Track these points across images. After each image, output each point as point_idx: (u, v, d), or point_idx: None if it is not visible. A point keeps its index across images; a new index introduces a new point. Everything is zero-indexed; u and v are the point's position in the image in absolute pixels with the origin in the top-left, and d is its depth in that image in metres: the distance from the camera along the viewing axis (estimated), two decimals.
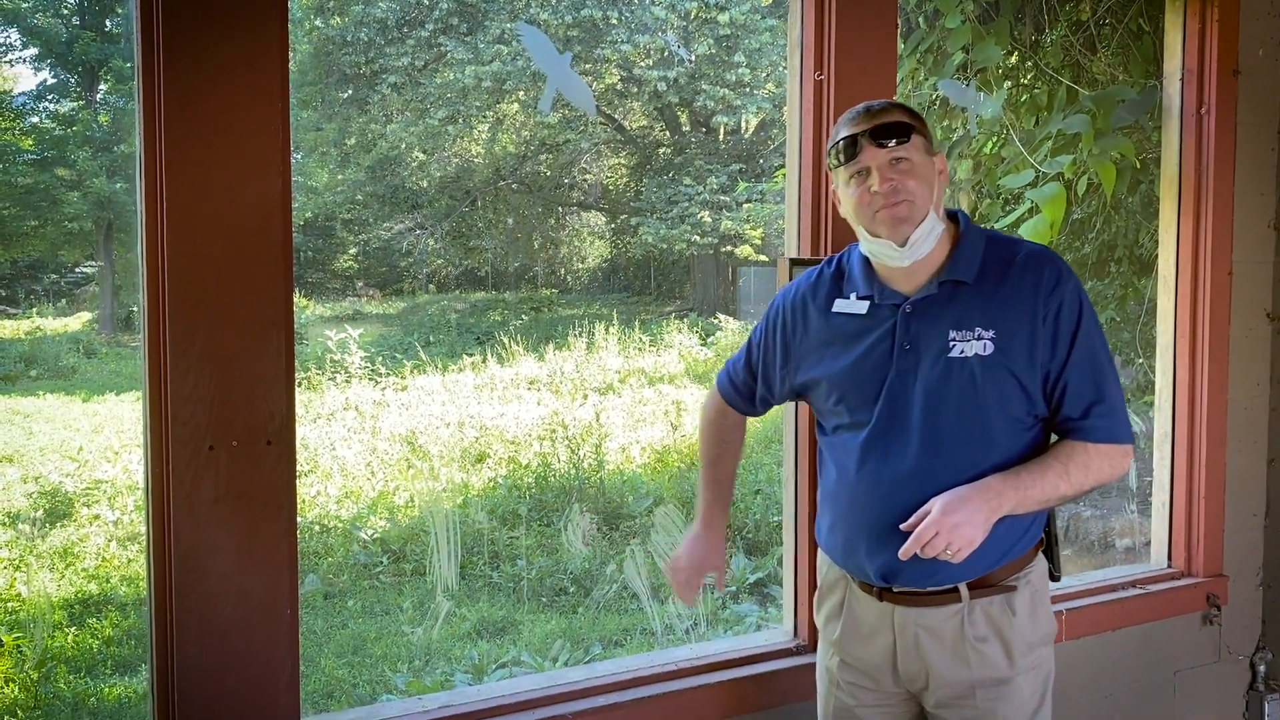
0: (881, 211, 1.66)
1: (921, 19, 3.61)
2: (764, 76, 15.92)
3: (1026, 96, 3.67)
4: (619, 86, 16.89)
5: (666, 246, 16.66)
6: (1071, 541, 4.15)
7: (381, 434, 8.31)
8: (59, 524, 6.27)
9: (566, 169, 19.02)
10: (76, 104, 17.21)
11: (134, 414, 9.55)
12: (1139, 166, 3.65)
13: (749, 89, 15.93)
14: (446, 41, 15.52)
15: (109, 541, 6.02)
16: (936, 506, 1.60)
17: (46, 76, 17.56)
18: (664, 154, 18.15)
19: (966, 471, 1.66)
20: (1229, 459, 2.93)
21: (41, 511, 6.38)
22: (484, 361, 11.96)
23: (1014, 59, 3.71)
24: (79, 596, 5.31)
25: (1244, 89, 2.86)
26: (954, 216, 1.77)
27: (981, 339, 1.66)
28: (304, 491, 6.82)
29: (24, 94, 17.47)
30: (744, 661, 2.26)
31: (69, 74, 17.36)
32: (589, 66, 15.96)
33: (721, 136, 17.50)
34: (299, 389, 10.20)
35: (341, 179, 17.54)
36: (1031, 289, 1.68)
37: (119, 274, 16.58)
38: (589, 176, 19.65)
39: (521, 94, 16.15)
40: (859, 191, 1.68)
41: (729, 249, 16.88)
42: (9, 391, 11.17)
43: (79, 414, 9.75)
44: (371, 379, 10.64)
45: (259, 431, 1.74)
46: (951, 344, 1.67)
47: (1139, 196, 4.12)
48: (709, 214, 16.08)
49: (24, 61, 18.74)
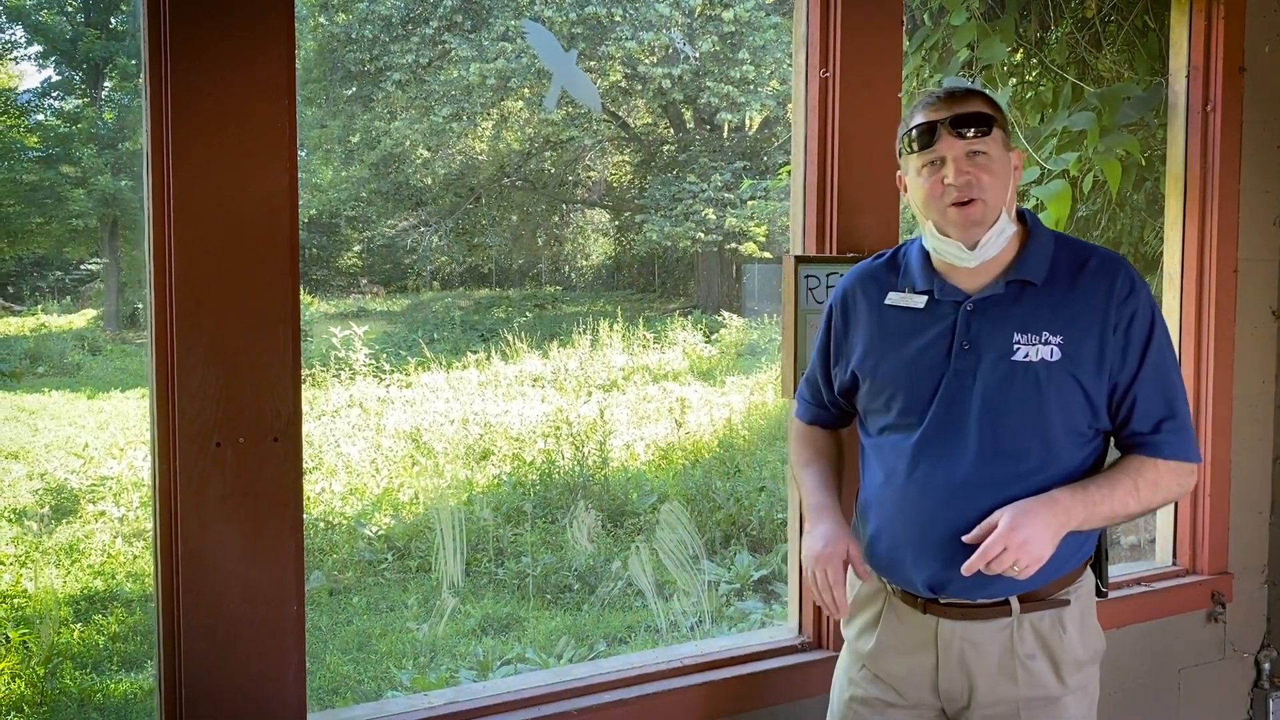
0: (953, 210, 1.58)
1: (926, 16, 3.61)
2: (768, 73, 15.90)
3: (1032, 93, 3.66)
4: (623, 84, 16.87)
5: (671, 244, 16.65)
6: None
7: (386, 431, 8.32)
8: (65, 520, 6.29)
9: (571, 166, 19.01)
10: (81, 101, 17.23)
11: (139, 410, 9.57)
12: (1144, 164, 3.64)
13: (753, 86, 15.91)
14: (451, 39, 15.52)
15: (114, 538, 6.03)
16: (1004, 520, 1.51)
17: (51, 74, 17.59)
18: (668, 151, 18.13)
19: (1026, 481, 1.57)
20: (1234, 456, 2.93)
21: (47, 508, 6.40)
22: (488, 358, 11.96)
23: (1019, 56, 3.71)
24: (85, 593, 5.33)
25: (1249, 86, 2.86)
26: (1022, 216, 1.69)
27: (1049, 344, 1.58)
28: (309, 488, 6.83)
29: (29, 91, 17.50)
30: (748, 658, 2.26)
31: (74, 71, 17.39)
32: (593, 64, 15.95)
33: (726, 133, 17.48)
34: (304, 386, 10.19)
35: (346, 176, 17.55)
36: (1104, 296, 1.60)
37: (124, 271, 16.61)
38: (593, 174, 19.63)
39: (526, 91, 16.14)
40: (931, 182, 1.59)
41: (733, 246, 16.85)
42: (14, 388, 11.19)
43: (84, 411, 9.77)
44: (376, 376, 10.65)
45: (266, 428, 1.75)
46: (1016, 347, 1.58)
47: (1144, 194, 4.12)
48: (713, 211, 16.07)
49: (29, 59, 18.78)
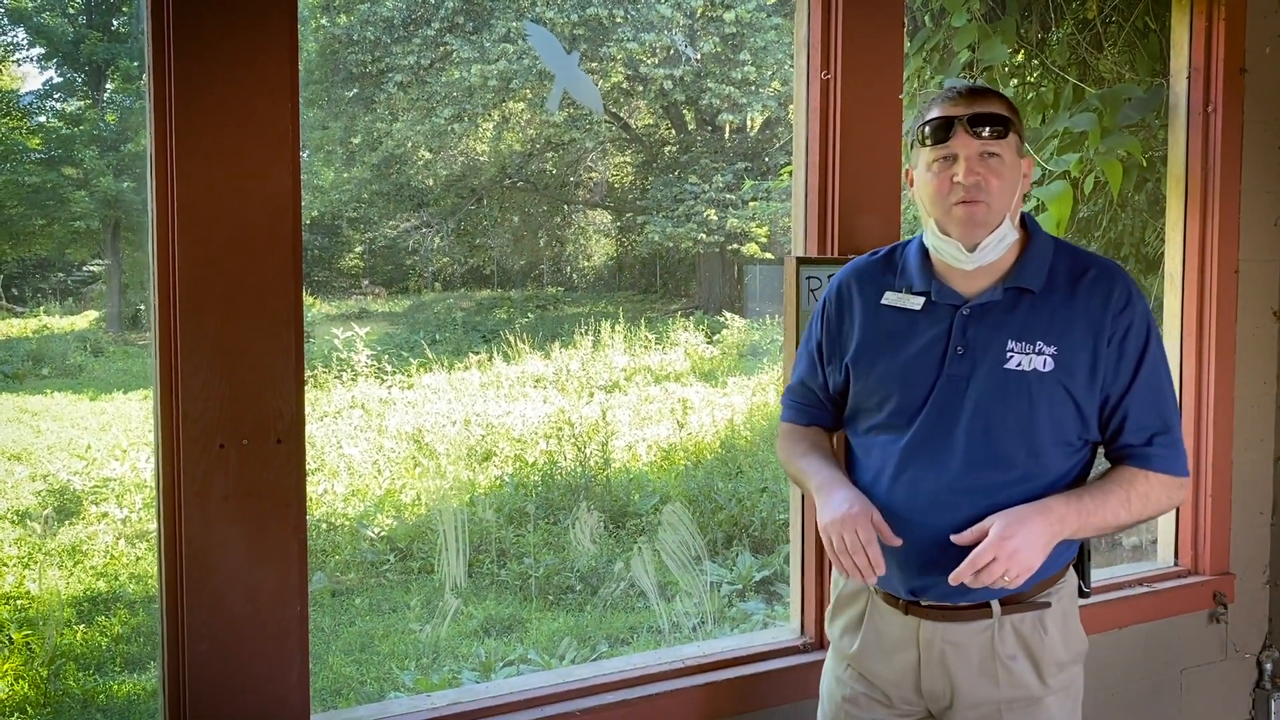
0: (958, 208, 1.57)
1: (927, 17, 3.61)
2: (769, 74, 15.92)
3: (1033, 94, 3.66)
4: (625, 85, 16.88)
5: (672, 244, 16.67)
6: None
7: (388, 432, 8.33)
8: (68, 522, 6.30)
9: (572, 167, 19.02)
10: (83, 103, 17.25)
11: (141, 412, 9.57)
12: (1145, 164, 3.64)
13: (754, 87, 15.93)
14: (452, 40, 15.53)
15: (117, 539, 6.04)
16: (995, 528, 1.49)
17: (53, 75, 17.62)
18: (670, 152, 18.14)
19: (1012, 490, 1.57)
20: (1236, 457, 2.93)
21: (50, 509, 6.40)
22: (490, 359, 11.97)
23: (1020, 57, 3.71)
24: (88, 594, 5.34)
25: (1250, 87, 2.86)
26: (1023, 222, 1.68)
27: (1043, 354, 1.57)
28: (311, 490, 6.84)
29: (31, 93, 17.53)
30: (750, 659, 2.26)
31: (76, 73, 17.41)
32: (595, 65, 15.96)
33: (727, 134, 17.50)
34: (306, 388, 10.19)
35: (347, 177, 17.56)
36: (1100, 307, 1.59)
37: (126, 272, 16.62)
38: (595, 175, 19.65)
39: (528, 93, 16.16)
40: (940, 178, 1.58)
41: (735, 247, 16.86)
42: (17, 390, 11.20)
43: (86, 412, 9.78)
44: (378, 377, 10.66)
45: (269, 429, 1.75)
46: (1010, 355, 1.58)
47: (1145, 194, 4.12)
48: (715, 212, 16.08)
49: (31, 60, 18.81)
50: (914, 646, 1.66)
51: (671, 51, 15.94)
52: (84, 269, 18.92)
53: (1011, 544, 1.48)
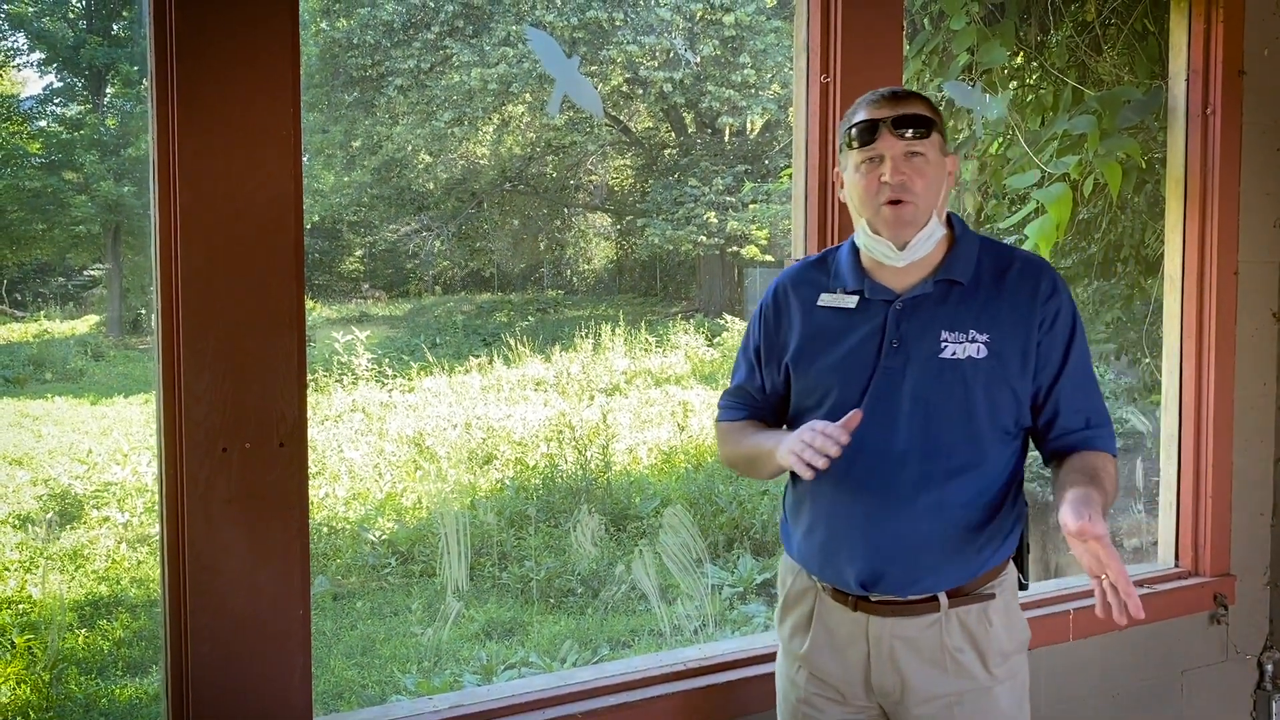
0: (886, 208, 1.61)
1: (927, 20, 3.62)
2: (769, 78, 15.93)
3: (1032, 97, 3.67)
4: (624, 88, 16.90)
5: (672, 247, 16.68)
6: None
7: (389, 435, 8.34)
8: (69, 526, 6.30)
9: (572, 170, 19.04)
10: (84, 108, 17.26)
11: (142, 416, 9.58)
12: (1144, 166, 3.65)
13: (754, 90, 15.94)
14: (452, 44, 15.55)
15: (119, 543, 6.04)
16: (1098, 526, 1.45)
17: (54, 80, 17.61)
18: (670, 155, 18.15)
19: (956, 477, 1.62)
20: (1236, 458, 2.93)
21: (52, 514, 6.41)
22: (490, 363, 11.98)
23: (1020, 59, 3.72)
24: (89, 598, 5.34)
25: (1249, 89, 2.86)
26: (949, 220, 1.73)
27: (975, 341, 1.62)
28: (312, 493, 6.83)
29: (31, 98, 17.54)
30: (751, 661, 2.26)
31: (76, 78, 17.42)
32: (595, 68, 15.97)
33: (727, 137, 17.51)
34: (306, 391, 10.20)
35: (348, 181, 17.58)
36: (1028, 297, 1.65)
37: (126, 277, 16.63)
38: (595, 178, 19.66)
39: (528, 96, 16.17)
40: (868, 178, 1.63)
41: (735, 249, 16.87)
42: (18, 394, 11.21)
43: (88, 416, 9.79)
44: (378, 381, 10.66)
45: (271, 433, 1.76)
46: (944, 345, 1.62)
47: (1145, 196, 4.12)
48: (715, 215, 16.09)
49: (31, 65, 18.81)
50: (864, 642, 1.69)
51: (671, 55, 15.96)
52: (85, 273, 18.94)
53: (1104, 543, 1.48)
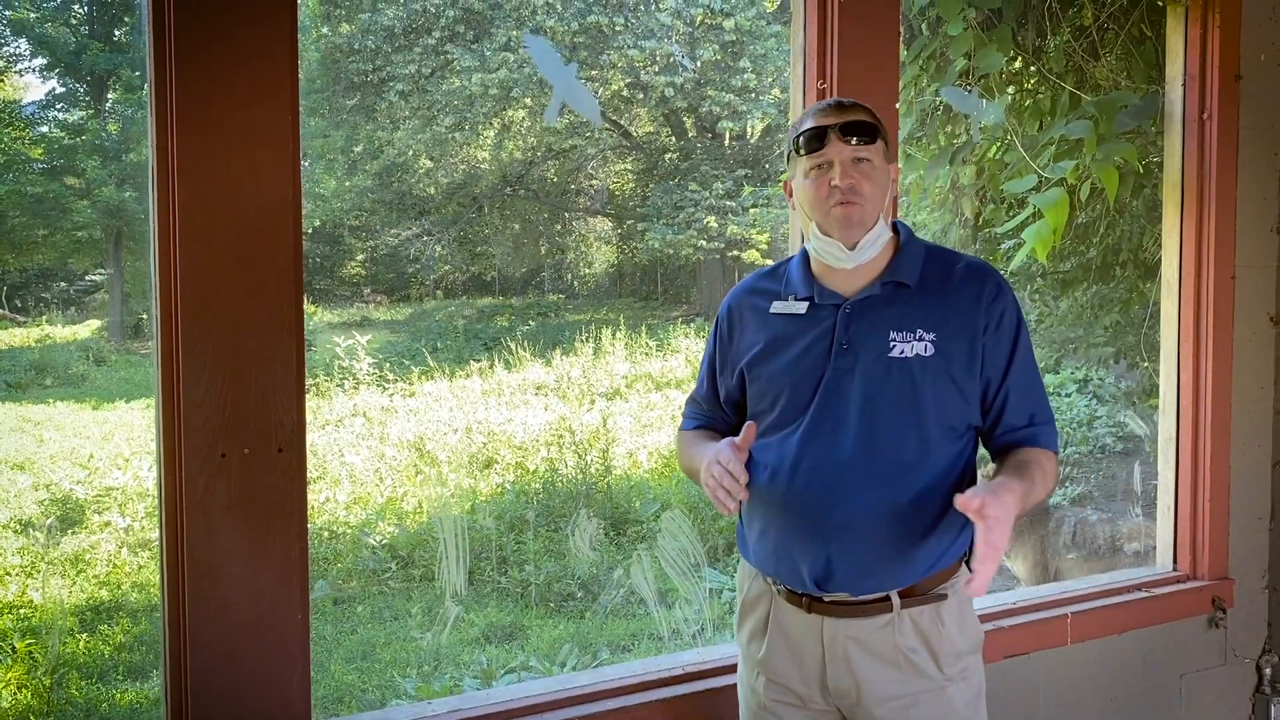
0: (836, 209, 1.66)
1: (924, 26, 3.63)
2: (769, 82, 15.95)
3: (1030, 102, 3.68)
4: (625, 92, 16.91)
5: (673, 251, 16.68)
6: (1079, 546, 4.16)
7: (390, 440, 8.34)
8: (70, 531, 6.31)
9: (573, 175, 19.05)
10: (85, 113, 17.28)
11: (144, 421, 9.59)
12: (1142, 171, 3.66)
13: (754, 94, 15.95)
14: (453, 49, 15.57)
15: (120, 548, 6.05)
16: (989, 508, 1.47)
17: (55, 86, 17.63)
18: (670, 159, 18.16)
19: (905, 475, 1.65)
20: (1233, 462, 2.93)
21: (53, 519, 6.42)
22: (491, 367, 11.98)
23: (1018, 64, 3.73)
24: (90, 603, 5.35)
25: (1246, 94, 2.87)
26: (895, 227, 1.79)
27: (923, 340, 1.66)
28: (313, 498, 6.85)
29: (33, 103, 17.56)
30: None
31: (78, 83, 17.44)
32: (595, 73, 16.00)
33: (727, 142, 17.51)
34: (308, 396, 10.22)
35: (349, 186, 17.59)
36: (973, 298, 1.69)
37: (128, 282, 16.64)
38: (595, 182, 19.68)
39: (528, 101, 16.18)
40: (818, 184, 1.68)
41: (735, 254, 16.87)
42: (20, 399, 11.22)
43: (89, 421, 9.79)
44: (379, 385, 10.67)
45: (270, 438, 1.77)
46: (892, 344, 1.67)
47: (1143, 200, 4.13)
48: (715, 219, 16.10)
49: (33, 71, 18.84)
50: (818, 644, 1.72)
51: (671, 60, 15.98)
52: (86, 278, 18.95)
53: (1004, 524, 1.50)
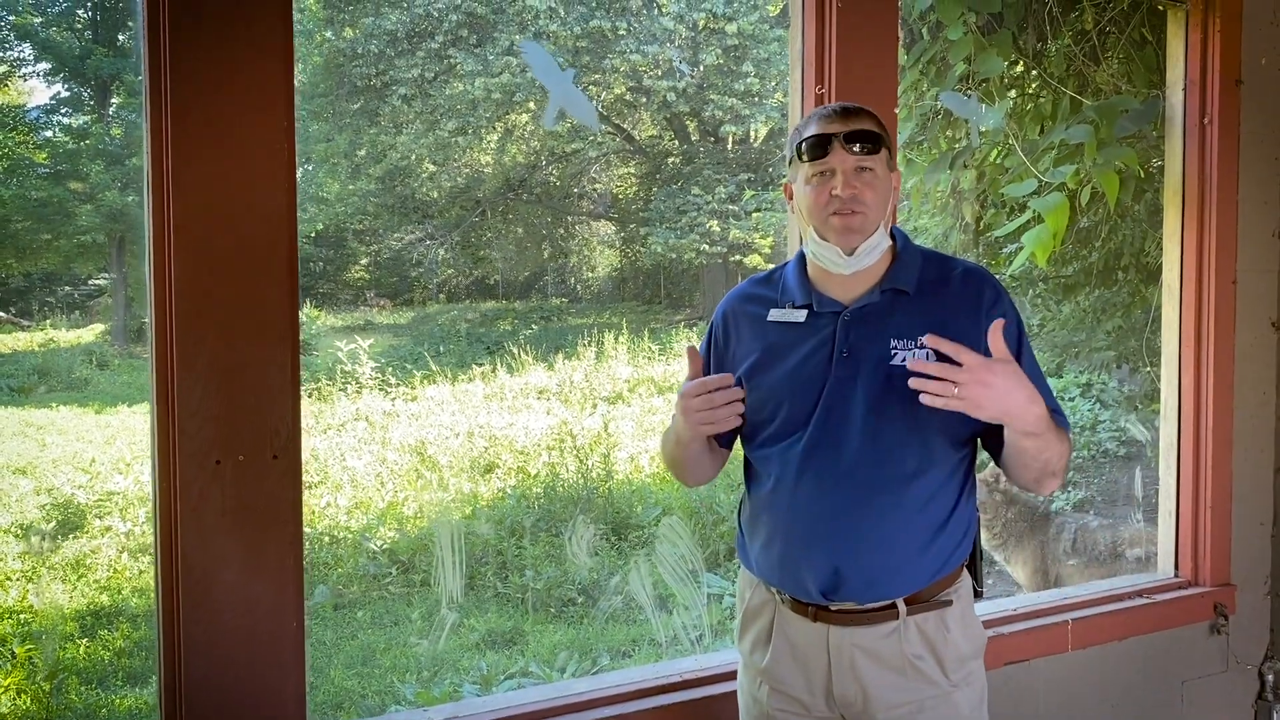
0: (835, 218, 1.65)
1: (925, 30, 3.62)
2: (772, 86, 15.95)
3: (1031, 106, 3.67)
4: (628, 96, 16.92)
5: (676, 255, 16.68)
6: (1080, 552, 4.15)
7: (391, 444, 8.34)
8: (71, 535, 6.31)
9: (576, 179, 19.06)
10: (89, 118, 17.32)
11: (146, 425, 9.56)
12: (1143, 176, 3.65)
13: (757, 98, 15.96)
14: (456, 53, 15.59)
15: (120, 553, 6.05)
16: (979, 360, 1.47)
17: (60, 90, 17.67)
18: (673, 163, 18.16)
19: (909, 483, 1.65)
20: (1235, 468, 2.93)
21: (54, 523, 6.42)
22: (494, 371, 11.98)
23: (1020, 68, 3.72)
24: (90, 608, 5.34)
25: (1247, 99, 2.87)
26: (892, 234, 1.77)
27: (925, 348, 1.62)
28: (314, 503, 6.85)
29: (38, 108, 17.60)
30: None
31: (82, 88, 17.49)
32: (598, 77, 16.01)
33: (730, 146, 17.52)
34: (310, 400, 10.25)
35: (352, 189, 17.61)
36: (973, 304, 1.68)
37: (131, 286, 16.66)
38: (598, 186, 19.69)
39: (531, 105, 16.19)
40: (819, 191, 1.66)
41: (738, 258, 16.86)
42: (23, 404, 11.23)
43: (92, 426, 9.80)
44: (382, 389, 10.67)
45: (265, 445, 1.76)
46: (894, 352, 1.65)
47: (1145, 204, 4.13)
48: (717, 223, 16.10)
49: (38, 76, 18.88)
50: (824, 653, 1.71)
51: (673, 65, 15.99)
52: (90, 283, 18.98)
53: (991, 377, 1.47)
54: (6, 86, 17.21)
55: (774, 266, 1.87)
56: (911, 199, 4.16)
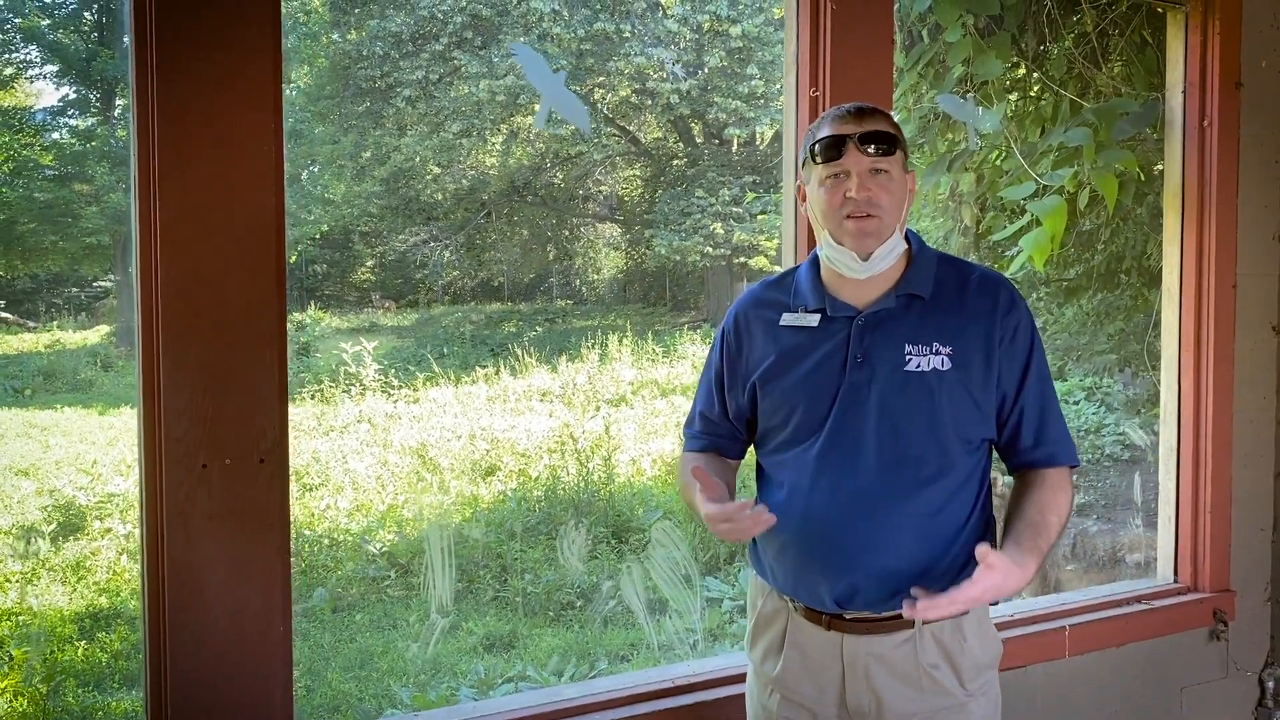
0: (849, 221, 1.62)
1: (924, 32, 3.61)
2: (777, 89, 15.94)
3: (1031, 108, 3.65)
4: (633, 99, 16.93)
5: (680, 258, 16.68)
6: (1080, 558, 4.13)
7: (393, 446, 8.34)
8: (71, 537, 6.31)
9: (580, 181, 19.08)
10: (95, 120, 17.38)
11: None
12: (1143, 179, 3.63)
13: (762, 101, 15.96)
14: (461, 55, 15.61)
15: (119, 555, 6.05)
16: (993, 583, 1.49)
17: (67, 92, 17.73)
18: (677, 166, 18.17)
19: (925, 489, 1.62)
20: (1235, 473, 2.90)
21: (55, 525, 6.42)
22: (497, 373, 11.99)
23: (1020, 71, 3.71)
24: (89, 610, 5.35)
25: (1246, 101, 2.85)
26: (907, 237, 1.74)
27: (940, 354, 1.62)
28: (314, 505, 6.85)
29: (44, 110, 17.66)
30: (743, 678, 2.25)
31: (88, 90, 17.54)
32: (602, 79, 16.03)
33: (735, 148, 17.52)
34: (312, 402, 10.25)
35: (357, 191, 17.63)
36: (988, 310, 1.66)
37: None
38: (603, 188, 19.70)
39: (535, 107, 16.21)
40: (833, 193, 1.64)
41: (742, 260, 16.87)
42: (27, 405, 11.26)
43: (95, 427, 9.82)
44: (385, 391, 10.67)
45: (252, 449, 1.75)
46: (908, 358, 1.63)
47: (1146, 207, 4.11)
48: (721, 225, 16.10)
49: (44, 78, 18.96)
50: (838, 662, 1.68)
51: (679, 66, 15.99)
52: (96, 284, 19.04)
53: (991, 594, 1.52)
54: (14, 89, 17.27)
55: (785, 269, 1.84)
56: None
